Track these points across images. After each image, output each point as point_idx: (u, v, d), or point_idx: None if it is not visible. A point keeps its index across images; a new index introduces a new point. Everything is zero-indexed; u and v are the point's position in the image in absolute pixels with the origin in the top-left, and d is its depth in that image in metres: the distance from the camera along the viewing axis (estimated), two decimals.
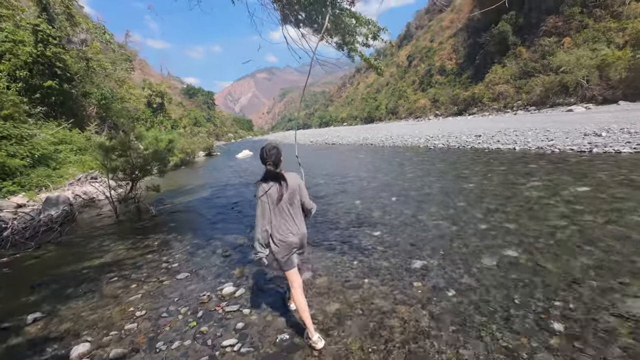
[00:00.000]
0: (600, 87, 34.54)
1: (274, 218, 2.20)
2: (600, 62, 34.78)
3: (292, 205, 2.26)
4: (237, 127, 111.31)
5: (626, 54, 33.41)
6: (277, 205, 2.19)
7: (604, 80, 34.33)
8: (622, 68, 32.70)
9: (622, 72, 32.57)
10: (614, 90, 33.26)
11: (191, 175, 14.97)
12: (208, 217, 6.07)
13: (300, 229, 2.29)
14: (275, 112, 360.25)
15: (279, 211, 2.21)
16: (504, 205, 4.71)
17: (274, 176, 2.20)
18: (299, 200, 2.32)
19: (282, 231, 2.22)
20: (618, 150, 7.77)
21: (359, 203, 5.84)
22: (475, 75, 63.75)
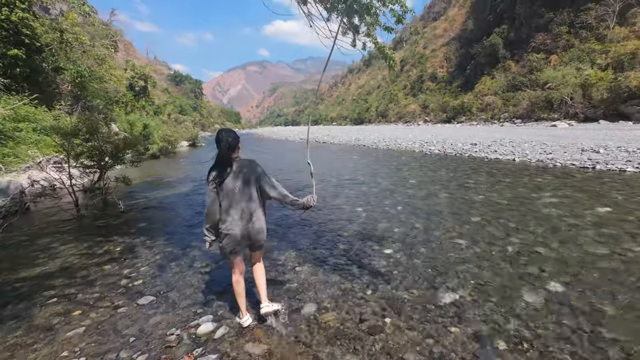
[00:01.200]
0: (582, 106, 35.73)
1: (223, 207, 2.05)
2: (584, 81, 35.98)
3: (243, 195, 2.05)
4: (225, 119, 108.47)
5: (608, 75, 34.67)
6: (225, 193, 2.02)
7: (587, 99, 35.55)
8: (604, 89, 33.90)
9: (603, 93, 33.76)
10: (595, 109, 34.45)
11: (171, 166, 13.87)
12: (186, 218, 5.24)
13: (248, 223, 2.07)
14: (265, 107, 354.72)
15: (227, 200, 2.04)
16: (525, 224, 4.20)
17: (226, 162, 2.03)
18: (254, 191, 2.10)
19: (228, 222, 2.04)
20: (622, 168, 7.55)
21: (362, 211, 5.20)
22: (465, 85, 64.95)
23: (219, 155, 2.06)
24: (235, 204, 2.04)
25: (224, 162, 2.04)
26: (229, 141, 2.05)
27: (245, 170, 2.08)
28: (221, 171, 2.03)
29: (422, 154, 13.20)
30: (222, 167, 2.04)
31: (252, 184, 2.09)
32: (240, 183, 2.05)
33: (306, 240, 3.95)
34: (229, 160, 2.05)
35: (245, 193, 2.06)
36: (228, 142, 2.04)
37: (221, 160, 2.05)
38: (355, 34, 3.67)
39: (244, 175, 2.07)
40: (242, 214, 2.06)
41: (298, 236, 4.10)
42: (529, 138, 15.67)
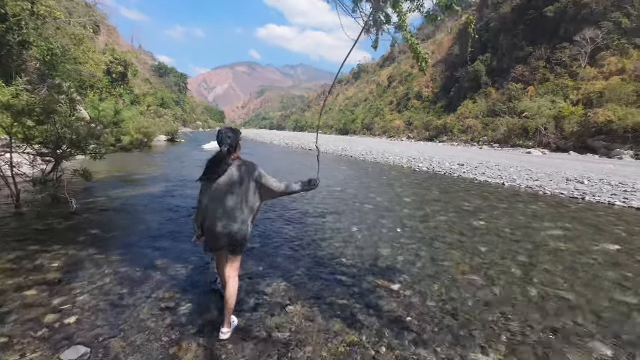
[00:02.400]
0: (555, 136, 37.83)
1: (210, 203, 2.04)
2: (557, 113, 38.23)
3: (234, 195, 2.00)
4: (208, 117, 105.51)
5: (579, 110, 36.99)
6: (218, 191, 2.00)
7: (559, 131, 37.71)
8: (575, 122, 36.06)
9: (574, 126, 35.89)
10: (566, 141, 36.53)
11: (144, 161, 12.73)
12: (153, 227, 4.42)
13: (234, 224, 2.01)
14: (251, 109, 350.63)
15: (217, 198, 2.01)
16: (539, 260, 3.81)
17: (224, 161, 2.00)
18: (249, 193, 2.05)
19: (214, 219, 2.02)
20: (611, 202, 7.55)
21: (357, 231, 4.63)
22: (449, 106, 67.42)
23: (218, 152, 2.02)
24: (224, 202, 1.99)
25: (222, 160, 1.99)
26: (229, 140, 2.02)
27: (243, 171, 2.03)
28: (218, 169, 1.98)
29: (411, 171, 12.97)
30: (220, 165, 1.99)
31: (247, 185, 2.04)
32: (235, 183, 2.00)
33: (298, 268, 3.31)
34: (228, 159, 2.01)
35: (237, 194, 2.00)
36: (229, 141, 2.02)
37: (219, 158, 2.00)
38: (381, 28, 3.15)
39: (241, 175, 2.02)
40: (229, 213, 2.00)
41: (288, 261, 3.45)
42: (511, 163, 15.97)
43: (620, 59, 39.09)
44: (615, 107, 31.32)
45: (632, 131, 28.52)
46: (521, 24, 56.02)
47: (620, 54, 39.50)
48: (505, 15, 61.10)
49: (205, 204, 2.05)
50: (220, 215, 1.99)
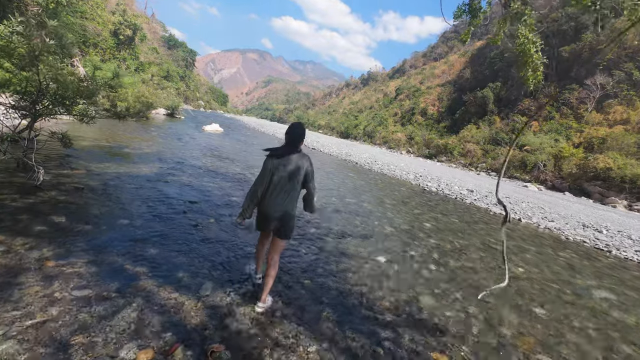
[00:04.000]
0: (552, 174, 38.08)
1: (271, 186, 2.27)
2: (558, 152, 38.51)
3: (290, 182, 2.28)
4: (211, 97, 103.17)
5: (579, 153, 37.31)
6: (278, 176, 2.25)
7: (557, 169, 37.98)
8: (574, 164, 36.33)
9: (573, 167, 36.15)
10: (562, 180, 36.77)
11: (139, 133, 11.65)
12: (137, 225, 3.52)
13: (284, 208, 2.29)
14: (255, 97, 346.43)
15: (275, 183, 2.26)
16: (608, 338, 3.10)
17: (290, 150, 2.28)
18: (299, 182, 2.31)
19: (270, 201, 2.27)
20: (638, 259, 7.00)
21: (386, 264, 3.84)
22: (452, 127, 67.63)
23: (289, 140, 2.30)
24: (281, 187, 2.26)
25: (289, 149, 2.28)
26: (299, 133, 2.33)
27: (300, 163, 2.29)
28: (284, 155, 2.27)
29: (421, 190, 12.28)
30: (286, 153, 2.27)
31: (300, 176, 2.30)
32: (292, 171, 2.26)
33: (322, 308, 2.50)
34: (293, 149, 2.29)
35: (292, 181, 2.28)
36: (298, 134, 2.32)
37: (287, 147, 2.30)
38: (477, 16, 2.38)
39: (298, 165, 2.28)
40: (284, 197, 2.27)
41: (309, 302, 2.62)
42: (518, 196, 15.53)
43: (626, 108, 39.67)
44: (616, 156, 31.54)
45: (629, 182, 28.67)
46: None
47: (627, 104, 40.08)
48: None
49: (265, 185, 2.26)
50: (278, 198, 2.26)
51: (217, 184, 6.15)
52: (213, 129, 20.10)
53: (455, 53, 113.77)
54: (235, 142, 16.02)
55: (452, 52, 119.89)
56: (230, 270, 2.85)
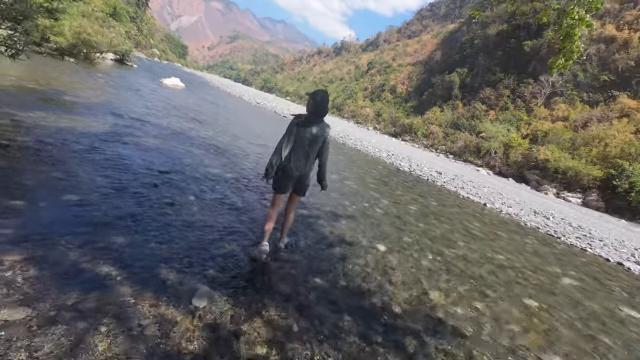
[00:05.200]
0: (500, 161, 41.73)
1: (293, 149, 2.49)
2: (508, 141, 41.96)
3: (310, 147, 2.50)
4: (167, 47, 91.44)
5: (525, 143, 41.08)
6: (301, 139, 2.46)
7: (505, 157, 41.65)
8: (519, 153, 40.02)
9: (518, 156, 39.85)
10: (508, 167, 40.54)
11: (81, 78, 9.66)
12: (90, 195, 2.74)
13: (305, 169, 2.56)
14: (218, 53, 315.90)
15: (297, 146, 2.48)
16: (590, 327, 3.30)
17: (316, 117, 2.49)
18: (318, 147, 2.54)
19: (292, 163, 2.49)
20: (583, 248, 7.86)
21: (386, 252, 3.61)
22: (418, 108, 69.52)
23: (315, 109, 2.47)
24: (303, 150, 2.49)
25: (315, 117, 2.49)
26: (324, 104, 2.50)
27: (322, 131, 2.51)
28: (309, 121, 2.47)
29: (395, 169, 12.37)
30: (311, 119, 2.48)
31: (319, 142, 2.52)
32: (314, 137, 2.47)
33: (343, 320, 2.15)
34: (318, 118, 2.50)
35: (313, 146, 2.50)
36: (324, 104, 2.50)
37: (314, 114, 2.48)
38: None
39: (320, 132, 2.49)
40: (304, 160, 2.52)
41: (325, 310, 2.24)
42: (478, 180, 16.59)
43: (568, 107, 43.78)
44: (554, 149, 35.07)
45: (561, 173, 32.39)
46: (500, 50, 58.96)
47: (569, 103, 44.20)
48: (489, 37, 63.53)
49: (289, 146, 2.48)
50: (299, 160, 2.51)
51: (189, 150, 5.28)
52: (173, 83, 17.78)
53: (428, 33, 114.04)
54: (201, 101, 14.35)
55: (426, 31, 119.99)
56: (228, 266, 2.33)
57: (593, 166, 29.69)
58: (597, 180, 28.40)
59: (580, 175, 29.72)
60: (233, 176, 4.70)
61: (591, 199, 27.93)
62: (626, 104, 35.86)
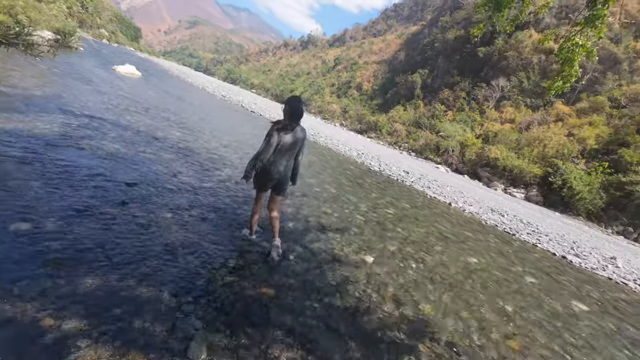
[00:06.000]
0: (457, 159, 44.86)
1: (275, 153, 2.67)
2: (464, 140, 45.20)
3: (289, 152, 2.77)
4: (118, 29, 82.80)
5: (478, 143, 44.54)
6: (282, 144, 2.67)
7: (461, 155, 44.86)
8: (473, 152, 43.31)
9: (472, 155, 43.13)
10: (463, 165, 43.72)
11: (17, 64, 8.28)
12: (44, 221, 2.31)
13: (284, 171, 2.82)
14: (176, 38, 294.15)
15: (278, 151, 2.69)
16: (556, 327, 3.64)
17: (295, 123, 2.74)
18: (295, 151, 2.84)
19: (273, 165, 2.71)
20: (534, 243, 8.72)
21: (373, 263, 3.62)
22: (383, 106, 71.79)
23: (293, 116, 2.69)
24: (283, 154, 2.73)
25: (294, 122, 2.73)
26: (302, 110, 2.77)
27: (300, 135, 2.80)
28: (290, 128, 2.70)
29: (366, 169, 12.61)
30: (291, 125, 2.71)
31: (298, 146, 2.83)
32: (294, 142, 2.75)
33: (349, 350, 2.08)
34: (297, 123, 2.75)
35: (292, 150, 2.77)
36: (302, 110, 2.76)
37: (293, 120, 2.71)
38: None
39: (297, 137, 2.78)
40: (285, 163, 2.78)
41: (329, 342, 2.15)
42: (442, 179, 17.61)
43: (514, 110, 48.10)
44: (502, 148, 38.41)
45: (508, 171, 35.62)
46: (457, 54, 62.80)
47: (515, 107, 48.59)
48: (447, 41, 67.26)
49: (270, 152, 2.62)
50: (279, 164, 2.74)
51: (158, 156, 4.79)
52: (128, 72, 16.14)
53: (392, 33, 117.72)
54: (162, 94, 13.22)
55: (390, 31, 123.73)
56: (220, 299, 2.11)
57: (534, 165, 33.13)
58: (537, 177, 31.73)
59: (523, 173, 33.01)
60: (210, 185, 4.36)
61: (532, 194, 31.22)
62: (561, 109, 40.43)
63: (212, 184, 4.44)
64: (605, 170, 28.18)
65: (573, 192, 26.83)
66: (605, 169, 28.19)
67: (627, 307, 5.39)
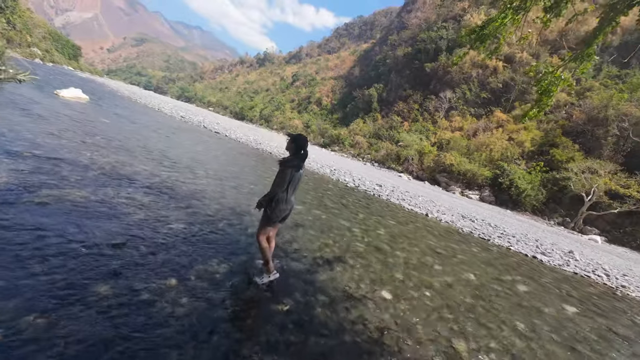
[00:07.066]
0: (417, 167, 47.56)
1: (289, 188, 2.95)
2: (421, 149, 48.23)
3: (297, 185, 3.07)
4: (53, 47, 75.26)
5: (434, 151, 47.83)
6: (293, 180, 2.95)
7: (420, 163, 47.70)
8: (431, 159, 46.32)
9: (430, 162, 46.06)
10: (423, 172, 46.46)
11: None
12: (17, 321, 1.79)
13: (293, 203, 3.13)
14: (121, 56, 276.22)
15: (292, 185, 2.98)
16: (568, 339, 3.79)
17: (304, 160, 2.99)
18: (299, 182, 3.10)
19: (287, 200, 2.97)
20: (507, 247, 9.33)
21: (392, 298, 3.47)
22: (343, 120, 74.18)
23: (303, 154, 2.99)
24: (294, 189, 3.03)
25: (303, 160, 2.98)
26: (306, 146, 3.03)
27: (302, 170, 3.06)
28: (301, 165, 2.97)
29: (344, 186, 12.65)
30: (302, 162, 2.97)
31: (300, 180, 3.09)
32: (300, 176, 3.05)
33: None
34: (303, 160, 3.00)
35: (298, 184, 3.08)
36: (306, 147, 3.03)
37: (303, 158, 2.97)
38: None
39: (301, 173, 3.05)
40: (293, 197, 3.08)
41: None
42: (411, 189, 18.36)
43: (461, 119, 52.60)
44: (455, 154, 41.54)
45: (462, 175, 38.51)
46: (408, 69, 67.67)
47: (462, 116, 53.19)
48: (397, 57, 72.31)
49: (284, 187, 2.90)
50: (292, 197, 3.05)
51: (134, 199, 4.18)
52: (74, 96, 14.52)
53: (346, 50, 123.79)
54: (118, 120, 12.03)
55: (344, 48, 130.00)
56: None
57: (484, 168, 36.27)
58: (488, 179, 34.69)
59: (476, 176, 35.94)
60: (204, 230, 3.90)
61: (485, 194, 33.99)
62: (500, 117, 45.19)
63: (205, 226, 3.99)
64: (542, 168, 31.86)
65: (519, 190, 29.81)
66: (542, 168, 31.88)
67: (602, 303, 5.91)
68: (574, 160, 29.83)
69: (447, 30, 60.26)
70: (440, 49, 59.25)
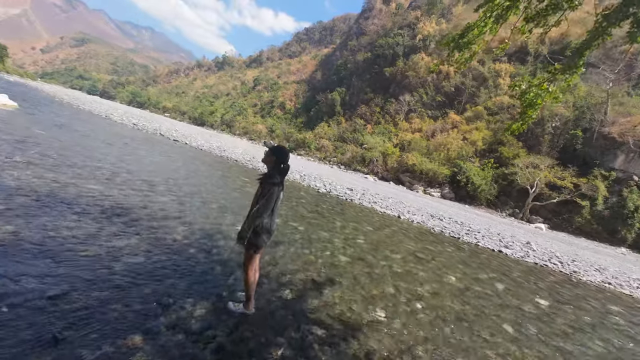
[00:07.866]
0: (382, 168, 49.12)
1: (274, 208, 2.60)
2: (385, 150, 49.95)
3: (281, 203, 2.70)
4: None
5: (397, 152, 49.80)
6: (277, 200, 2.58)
7: (384, 164, 49.36)
8: (394, 160, 48.14)
9: (394, 163, 47.83)
10: (388, 172, 48.10)
11: None
12: None
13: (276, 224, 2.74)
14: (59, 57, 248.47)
15: (277, 203, 2.61)
16: (553, 338, 3.89)
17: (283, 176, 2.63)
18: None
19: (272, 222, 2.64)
20: (476, 243, 9.77)
21: (386, 317, 3.27)
22: (308, 124, 74.31)
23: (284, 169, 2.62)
24: (278, 208, 2.66)
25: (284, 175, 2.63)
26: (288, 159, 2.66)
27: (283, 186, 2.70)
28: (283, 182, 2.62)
29: (316, 192, 12.40)
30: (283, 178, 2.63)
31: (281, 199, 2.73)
32: (283, 193, 2.68)
33: None
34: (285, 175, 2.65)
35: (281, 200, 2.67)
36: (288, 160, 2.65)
37: (284, 173, 2.62)
38: None
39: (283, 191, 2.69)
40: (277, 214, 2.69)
41: None
42: (381, 191, 18.71)
43: (420, 121, 55.47)
44: (417, 155, 43.60)
45: (424, 174, 40.52)
46: (368, 74, 69.92)
47: (421, 118, 56.10)
48: (358, 62, 74.46)
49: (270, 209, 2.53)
50: (276, 217, 2.68)
51: (80, 231, 3.47)
52: (2, 101, 12.45)
53: (307, 54, 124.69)
54: (56, 130, 10.48)
55: (305, 52, 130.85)
56: None
57: (443, 166, 38.49)
58: (447, 177, 36.87)
59: (436, 175, 38.01)
60: (170, 261, 3.34)
61: (446, 192, 36.06)
62: (454, 118, 48.43)
63: (172, 257, 3.43)
64: (493, 165, 34.69)
65: (475, 186, 32.11)
66: (492, 164, 34.71)
67: (564, 292, 6.34)
68: (519, 157, 32.83)
69: (402, 37, 63.38)
70: (398, 54, 62.12)
